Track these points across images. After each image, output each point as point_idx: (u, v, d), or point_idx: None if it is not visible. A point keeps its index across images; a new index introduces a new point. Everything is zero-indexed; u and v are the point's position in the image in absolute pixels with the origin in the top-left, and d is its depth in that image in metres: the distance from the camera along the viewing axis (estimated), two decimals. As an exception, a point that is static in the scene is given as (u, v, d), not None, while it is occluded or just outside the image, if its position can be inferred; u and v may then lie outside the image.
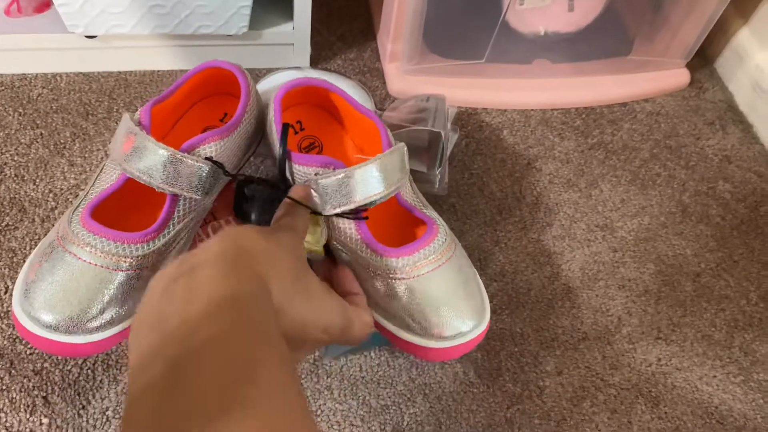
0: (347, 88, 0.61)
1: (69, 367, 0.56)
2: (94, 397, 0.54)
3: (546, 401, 0.59)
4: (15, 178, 0.66)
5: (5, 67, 0.74)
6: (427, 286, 0.48)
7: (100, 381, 0.55)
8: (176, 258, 0.34)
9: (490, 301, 0.63)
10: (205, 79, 0.53)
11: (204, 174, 0.46)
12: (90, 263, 0.44)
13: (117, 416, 0.54)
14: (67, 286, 0.44)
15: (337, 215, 0.47)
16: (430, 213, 0.51)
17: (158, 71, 0.76)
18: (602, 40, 0.85)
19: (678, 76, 0.86)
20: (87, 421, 0.53)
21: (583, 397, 0.59)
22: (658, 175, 0.76)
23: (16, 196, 0.65)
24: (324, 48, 0.83)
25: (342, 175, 0.46)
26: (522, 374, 0.60)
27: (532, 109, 0.81)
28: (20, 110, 0.71)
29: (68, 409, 0.54)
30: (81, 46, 0.73)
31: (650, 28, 0.85)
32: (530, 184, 0.74)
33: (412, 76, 0.79)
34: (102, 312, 0.44)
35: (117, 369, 0.56)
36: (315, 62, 0.81)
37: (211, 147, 0.48)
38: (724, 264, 0.70)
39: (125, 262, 0.45)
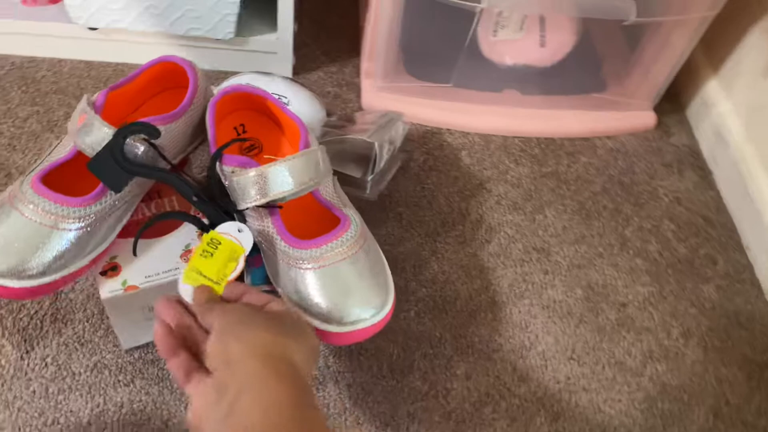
0: (302, 97, 0.67)
1: (21, 316, 0.62)
2: (38, 344, 0.61)
3: (450, 402, 0.63)
4: (7, 147, 0.74)
5: (18, 49, 0.82)
6: (333, 275, 0.53)
7: (46, 331, 0.62)
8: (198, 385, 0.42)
9: (416, 305, 0.68)
10: (161, 72, 0.59)
11: (139, 153, 0.52)
12: (31, 219, 0.50)
13: (54, 363, 0.60)
14: (9, 238, 0.50)
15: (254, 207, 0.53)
16: (347, 211, 0.56)
17: (152, 66, 0.84)
18: (573, 77, 0.89)
19: (644, 118, 0.89)
20: (27, 365, 0.59)
21: (486, 403, 0.63)
22: (604, 207, 0.80)
23: (6, 162, 0.73)
24: (309, 60, 0.89)
25: (253, 173, 0.51)
26: (432, 374, 0.64)
27: (494, 135, 0.85)
28: (24, 88, 0.79)
29: (14, 351, 0.60)
30: (85, 36, 0.81)
31: (621, 68, 0.89)
32: (478, 202, 0.78)
33: (385, 93, 0.85)
34: (38, 263, 0.50)
35: (63, 322, 0.62)
36: (297, 72, 0.88)
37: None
38: (653, 298, 0.73)
39: (63, 221, 0.51)
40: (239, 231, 0.52)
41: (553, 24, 0.85)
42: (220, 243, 0.51)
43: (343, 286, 0.52)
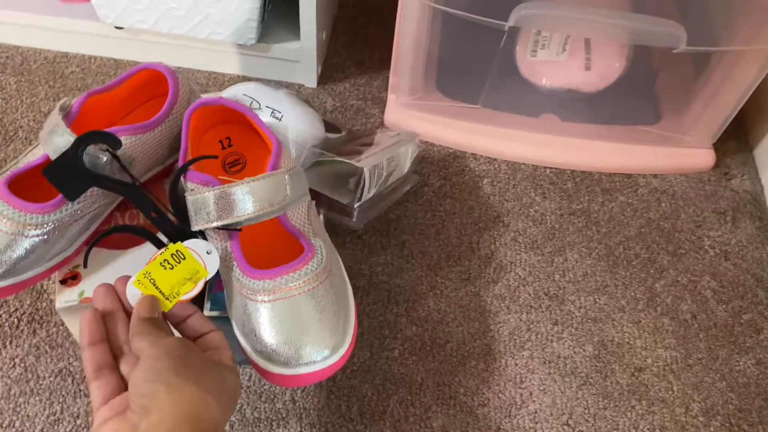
0: (300, 113, 0.63)
1: (0, 312, 0.62)
2: (11, 343, 0.61)
3: (419, 457, 0.57)
4: (24, 140, 0.75)
5: (52, 44, 0.83)
6: (287, 310, 0.49)
7: (21, 330, 0.62)
8: None
9: (402, 345, 0.63)
10: (145, 80, 0.57)
11: (101, 163, 0.50)
12: (-10, 224, 0.50)
13: (22, 364, 0.59)
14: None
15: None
16: (315, 241, 0.52)
17: (177, 68, 0.83)
18: (623, 105, 0.81)
19: (701, 157, 0.79)
20: (-4, 363, 0.60)
21: (459, 463, 0.57)
22: (636, 255, 0.71)
23: (19, 156, 0.74)
24: (338, 70, 0.86)
25: (210, 193, 0.48)
26: (405, 424, 0.59)
27: (523, 163, 0.78)
28: (51, 83, 0.81)
29: (-15, 348, 0.60)
30: (113, 35, 0.81)
31: (677, 101, 0.80)
32: (491, 237, 0.72)
33: (409, 110, 0.80)
34: (-3, 268, 0.50)
35: (39, 324, 0.62)
36: (324, 82, 0.84)
37: (127, 140, 0.52)
38: (675, 365, 0.64)
39: (23, 228, 0.50)
40: (207, 253, 0.49)
41: (599, 47, 0.77)
42: (184, 258, 0.48)
43: (299, 323, 0.48)
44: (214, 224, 0.49)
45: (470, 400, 0.61)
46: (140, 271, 0.47)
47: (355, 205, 0.59)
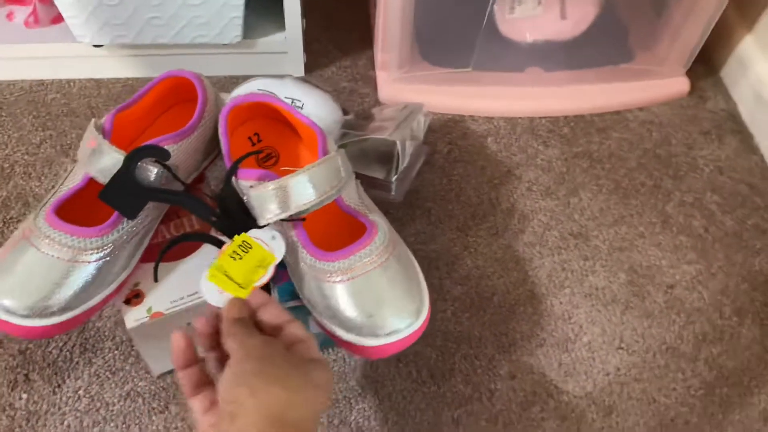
0: (316, 98, 0.64)
1: (50, 349, 0.61)
2: (69, 376, 0.60)
3: (495, 404, 0.60)
4: (23, 175, 0.73)
5: (25, 73, 0.81)
6: (364, 286, 0.50)
7: (76, 362, 0.60)
8: None
9: (452, 305, 0.65)
10: (169, 88, 0.57)
11: (152, 176, 0.50)
12: (48, 254, 0.49)
13: (87, 395, 0.59)
14: (27, 276, 0.49)
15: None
16: (373, 217, 0.53)
17: (162, 78, 0.82)
18: (598, 48, 0.85)
19: (677, 85, 0.85)
20: (60, 399, 0.58)
21: (533, 402, 0.60)
22: (642, 184, 0.76)
23: (23, 191, 0.71)
24: (321, 55, 0.87)
25: (272, 186, 0.49)
26: (474, 376, 0.61)
27: (519, 117, 0.82)
28: (35, 113, 0.78)
29: (45, 386, 0.59)
30: (91, 54, 0.79)
31: (648, 35, 0.84)
32: (508, 191, 0.75)
33: (402, 84, 0.82)
34: (59, 300, 0.49)
35: (92, 352, 0.61)
36: (311, 69, 0.85)
37: (170, 149, 0.52)
38: (701, 276, 0.69)
39: (82, 254, 0.49)
40: (272, 238, 0.50)
41: (572, -5, 0.80)
42: (251, 247, 0.49)
43: (376, 296, 0.50)
44: (282, 216, 0.50)
45: (528, 343, 0.64)
46: (212, 265, 0.48)
47: (393, 179, 0.61)
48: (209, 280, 0.47)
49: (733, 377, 0.62)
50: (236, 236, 0.49)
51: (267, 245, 0.50)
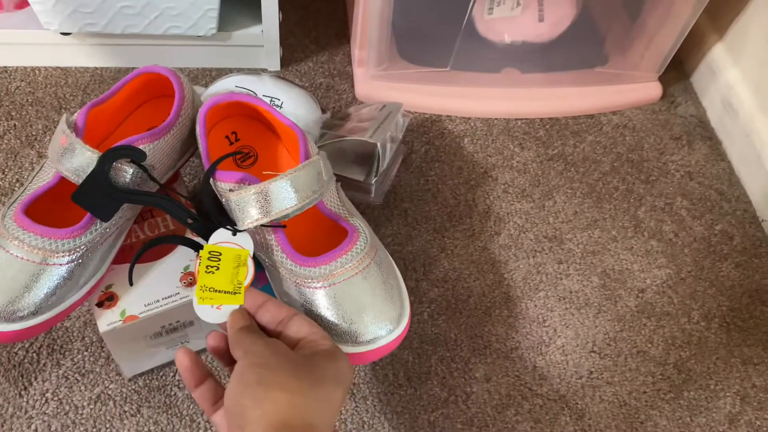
0: (295, 96, 0.63)
1: (16, 350, 0.59)
2: (36, 379, 0.58)
3: (471, 407, 0.60)
4: (-14, 168, 0.70)
5: (-13, 60, 0.77)
6: (344, 293, 0.50)
7: (44, 364, 0.59)
8: None
9: (429, 306, 0.65)
10: (144, 84, 0.55)
11: (128, 177, 0.48)
12: (17, 257, 0.47)
13: (55, 398, 0.57)
14: (-5, 278, 0.47)
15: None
16: (354, 221, 0.53)
17: (132, 68, 0.79)
18: (574, 51, 0.85)
19: (649, 90, 0.86)
20: (27, 402, 0.57)
21: (508, 405, 0.61)
22: (615, 188, 0.77)
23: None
24: (296, 50, 0.85)
25: (252, 191, 0.48)
26: (450, 379, 0.62)
27: (496, 119, 0.82)
28: (-3, 102, 0.75)
29: (11, 389, 0.57)
30: (58, 42, 0.76)
31: (623, 40, 0.85)
32: (484, 192, 0.75)
33: (379, 81, 0.81)
34: (28, 303, 0.47)
35: (61, 353, 0.59)
36: (286, 64, 0.83)
37: (145, 149, 0.50)
38: (671, 281, 0.70)
39: (52, 256, 0.48)
40: (233, 235, 0.49)
41: (550, -3, 0.80)
42: (220, 254, 0.47)
43: (357, 303, 0.49)
44: (262, 221, 0.49)
45: (503, 345, 0.64)
46: (196, 290, 0.46)
47: (372, 181, 0.60)
48: (200, 304, 0.46)
49: (700, 380, 0.64)
50: (200, 252, 0.48)
51: (233, 244, 0.48)
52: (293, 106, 0.62)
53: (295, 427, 0.38)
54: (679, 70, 0.90)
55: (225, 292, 0.46)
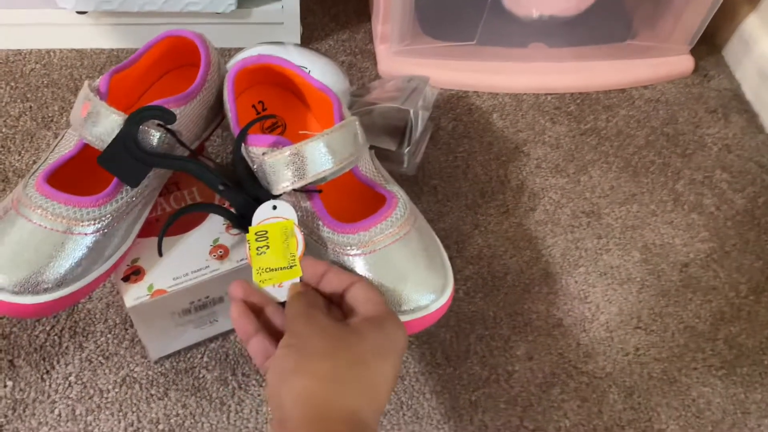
0: (322, 66, 0.60)
1: (36, 333, 0.56)
2: (58, 362, 0.55)
3: (514, 386, 0.57)
4: (1, 149, 0.67)
5: (1, 42, 0.75)
6: (385, 260, 0.47)
7: (66, 347, 0.56)
8: None
9: (465, 284, 0.63)
10: (169, 48, 0.53)
11: (155, 141, 0.46)
12: (41, 226, 0.44)
13: (79, 382, 0.54)
14: (17, 249, 0.44)
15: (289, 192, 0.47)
16: (391, 187, 0.50)
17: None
18: (602, 25, 0.83)
19: (681, 63, 0.83)
20: (50, 386, 0.54)
21: (552, 384, 0.58)
22: (651, 162, 0.74)
23: (1, 166, 0.66)
24: (317, 28, 0.83)
25: (288, 152, 0.45)
26: (491, 358, 0.59)
27: (524, 94, 0.79)
28: (12, 84, 0.73)
29: (32, 373, 0.54)
30: (73, 22, 0.74)
31: (653, 12, 0.83)
32: (516, 168, 0.72)
33: (402, 58, 0.78)
34: (53, 274, 0.45)
35: (83, 336, 0.57)
36: (306, 42, 0.81)
37: (171, 114, 0.48)
38: (715, 255, 0.67)
39: (77, 225, 0.45)
40: (274, 208, 0.46)
41: (579, -32, 0.78)
42: (265, 231, 0.45)
43: (398, 270, 0.47)
44: (298, 184, 0.46)
45: (544, 323, 0.61)
46: (253, 274, 0.43)
47: (405, 150, 0.57)
48: (261, 287, 0.43)
49: (753, 356, 0.61)
50: (247, 235, 0.45)
51: (276, 218, 0.46)
52: (321, 75, 0.59)
53: (335, 420, 0.36)
54: (709, 44, 0.87)
55: (281, 269, 0.43)
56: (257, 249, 0.44)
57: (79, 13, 0.73)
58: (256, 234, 0.45)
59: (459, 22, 0.79)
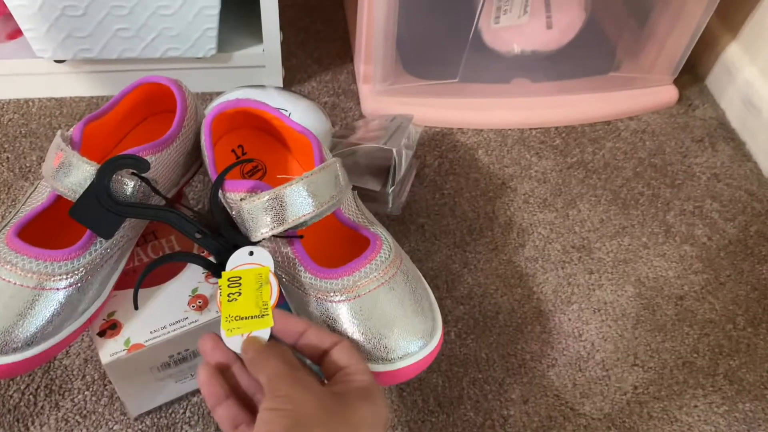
0: (304, 108, 0.60)
1: (11, 392, 0.54)
2: (33, 423, 0.53)
3: (509, 431, 0.55)
4: (-22, 202, 0.66)
5: (-22, 93, 0.74)
6: (370, 306, 0.45)
7: (41, 407, 0.54)
8: None
9: (455, 326, 0.61)
10: (144, 95, 0.52)
11: (129, 190, 0.45)
12: (10, 282, 0.43)
13: (55, 443, 0.52)
14: (-15, 306, 0.42)
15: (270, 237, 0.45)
16: (375, 229, 0.49)
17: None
18: (585, 57, 0.83)
19: (665, 93, 0.83)
20: (24, 449, 0.51)
21: (549, 427, 0.56)
22: (641, 194, 0.73)
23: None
24: (299, 70, 0.82)
25: (266, 197, 0.44)
26: (485, 402, 0.57)
27: (509, 129, 0.78)
28: (-11, 135, 0.72)
29: (6, 435, 0.52)
30: (51, 71, 0.73)
31: (635, 43, 0.83)
32: (504, 204, 0.71)
33: (386, 97, 0.78)
34: (23, 333, 0.43)
35: (60, 394, 0.54)
36: (289, 84, 0.80)
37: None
38: (710, 286, 0.66)
39: (48, 280, 0.43)
40: (250, 254, 0.44)
41: (559, 3, 0.78)
42: (240, 278, 0.43)
43: (384, 317, 0.45)
44: (277, 230, 0.45)
45: (539, 364, 0.59)
46: (222, 322, 0.42)
47: (389, 190, 0.56)
48: (229, 336, 0.41)
49: (755, 390, 0.59)
50: (219, 280, 0.43)
51: (251, 264, 0.44)
52: (302, 116, 0.58)
53: None
54: (692, 74, 0.87)
55: (252, 317, 0.41)
56: (228, 296, 0.42)
57: (57, 62, 0.72)
58: (228, 280, 0.43)
59: (441, 60, 0.79)
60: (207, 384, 0.39)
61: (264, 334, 0.41)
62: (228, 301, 0.42)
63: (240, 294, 0.42)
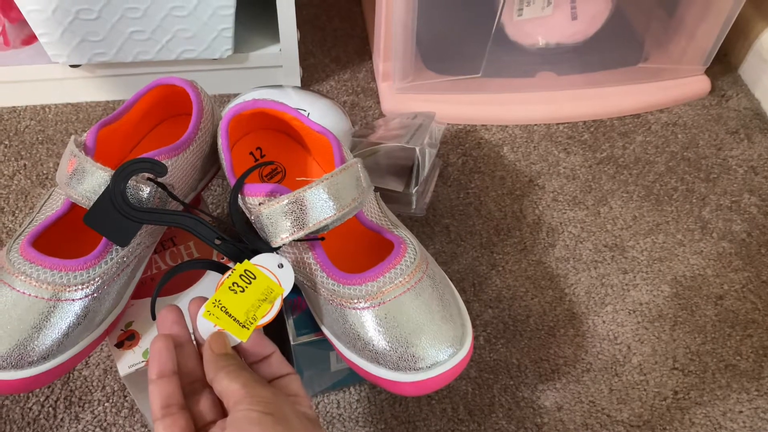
0: (322, 107, 0.58)
1: (30, 405, 0.53)
2: (53, 436, 0.52)
3: (544, 440, 0.53)
4: (-5, 210, 0.65)
5: (-5, 100, 0.74)
6: (396, 313, 0.43)
7: (61, 419, 0.52)
8: None
9: (484, 330, 0.58)
10: (159, 98, 0.50)
11: (144, 196, 0.43)
12: (24, 293, 0.41)
13: (75, 457, 0.51)
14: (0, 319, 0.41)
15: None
16: (399, 232, 0.47)
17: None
18: (612, 49, 0.80)
19: (697, 84, 0.80)
20: (43, 463, 0.50)
21: (586, 436, 0.53)
22: (674, 189, 0.70)
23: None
24: (317, 70, 0.81)
25: (285, 201, 0.42)
26: (517, 410, 0.54)
27: (535, 124, 0.76)
28: (6, 142, 0.71)
29: (25, 449, 0.51)
30: (67, 76, 0.72)
31: (664, 33, 0.80)
32: (532, 202, 0.68)
33: (406, 95, 0.76)
34: (39, 347, 0.41)
35: (79, 406, 0.53)
36: (307, 84, 0.79)
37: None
38: (751, 285, 0.63)
39: (64, 291, 0.42)
40: (279, 266, 0.42)
41: (584, -7, 0.75)
42: (254, 277, 0.41)
43: (412, 324, 0.43)
44: (297, 235, 0.43)
45: (573, 368, 0.57)
46: (209, 300, 0.40)
47: (412, 190, 0.54)
48: (204, 317, 0.40)
49: (803, 394, 0.56)
50: (238, 264, 0.42)
51: (273, 275, 0.42)
52: (321, 116, 0.56)
53: None
54: (724, 63, 0.84)
55: (234, 320, 0.39)
56: (233, 284, 0.40)
57: (72, 66, 0.71)
58: (245, 270, 0.41)
59: (462, 55, 0.77)
60: (159, 353, 0.37)
61: (233, 341, 0.39)
62: (229, 288, 0.40)
63: (243, 291, 0.41)
